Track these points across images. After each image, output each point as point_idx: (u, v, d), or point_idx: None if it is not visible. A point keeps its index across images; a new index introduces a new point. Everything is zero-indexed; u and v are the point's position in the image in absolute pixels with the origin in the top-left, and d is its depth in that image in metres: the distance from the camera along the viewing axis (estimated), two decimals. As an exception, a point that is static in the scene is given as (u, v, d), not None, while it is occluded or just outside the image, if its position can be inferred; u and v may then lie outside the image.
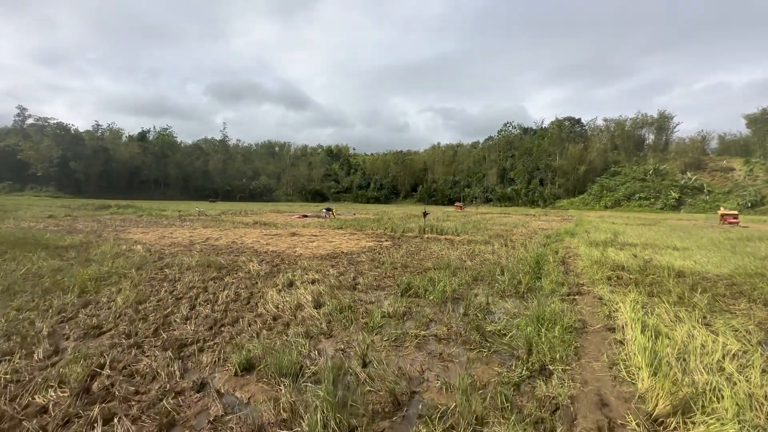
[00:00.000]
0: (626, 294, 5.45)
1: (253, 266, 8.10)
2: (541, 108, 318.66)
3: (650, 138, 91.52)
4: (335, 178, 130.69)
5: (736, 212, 28.31)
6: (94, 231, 14.20)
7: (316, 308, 5.32)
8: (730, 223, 26.93)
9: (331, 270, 8.02)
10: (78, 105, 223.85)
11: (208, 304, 5.39)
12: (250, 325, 4.60)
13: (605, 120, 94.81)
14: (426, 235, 15.41)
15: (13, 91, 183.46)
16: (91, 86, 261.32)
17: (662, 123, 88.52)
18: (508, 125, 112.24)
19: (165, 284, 6.45)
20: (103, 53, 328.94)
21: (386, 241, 13.63)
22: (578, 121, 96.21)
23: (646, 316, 4.09)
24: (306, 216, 26.55)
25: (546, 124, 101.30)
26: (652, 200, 69.97)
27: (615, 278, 6.74)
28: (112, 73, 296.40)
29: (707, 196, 68.54)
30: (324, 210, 27.17)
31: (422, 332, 4.48)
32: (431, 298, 5.93)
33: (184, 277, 6.92)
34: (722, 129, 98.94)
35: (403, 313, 5.19)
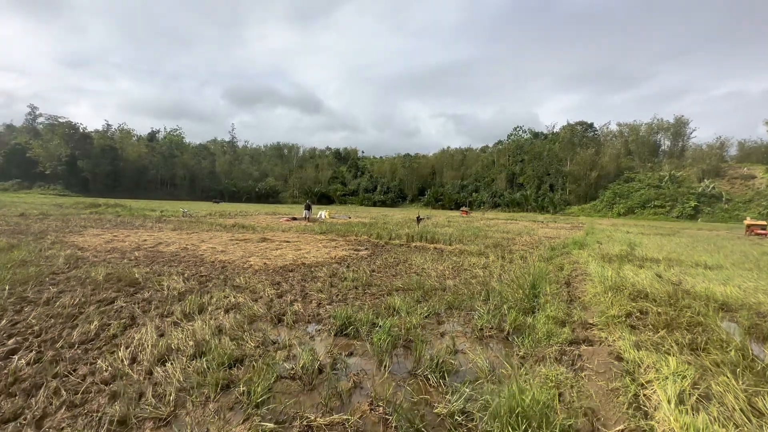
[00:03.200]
0: (658, 348, 3.62)
1: (173, 282, 6.45)
2: (553, 114, 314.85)
3: (666, 144, 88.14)
4: (342, 180, 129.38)
5: (764, 222, 25.82)
6: (41, 232, 12.75)
7: (194, 358, 3.62)
8: (758, 234, 24.50)
9: (269, 290, 6.32)
10: (102, 107, 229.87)
11: (40, 346, 3.73)
12: (54, 394, 2.91)
13: (619, 125, 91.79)
14: (414, 243, 13.63)
15: (42, 93, 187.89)
16: (115, 89, 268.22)
17: (678, 128, 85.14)
18: (518, 129, 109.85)
19: (26, 308, 4.82)
20: (127, 57, 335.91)
21: (365, 249, 11.90)
22: (590, 125, 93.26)
23: (706, 416, 2.29)
24: (295, 218, 24.96)
25: (557, 128, 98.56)
26: (668, 208, 66.81)
27: (637, 315, 4.89)
28: (135, 76, 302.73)
29: (726, 205, 65.20)
30: (305, 211, 24.48)
31: (325, 418, 2.74)
32: (375, 340, 4.18)
33: (64, 298, 5.28)
34: (740, 136, 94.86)
35: (315, 372, 3.44)
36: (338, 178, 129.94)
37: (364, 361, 3.84)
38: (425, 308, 5.53)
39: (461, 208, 58.98)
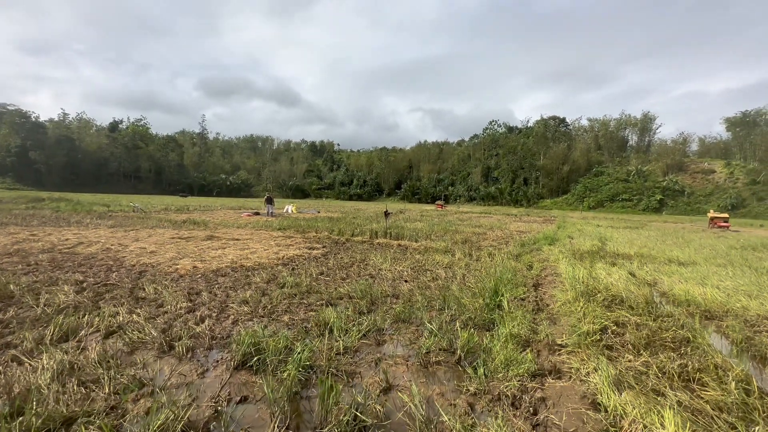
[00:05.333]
0: (643, 383, 2.80)
1: (60, 295, 5.18)
2: (528, 110, 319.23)
3: (633, 139, 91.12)
4: (318, 174, 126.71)
5: (726, 215, 26.50)
6: (-58, 231, 10.96)
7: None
8: (720, 226, 25.10)
9: (181, 302, 5.17)
10: (64, 96, 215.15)
11: None
12: None
13: (589, 120, 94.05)
14: (377, 240, 12.65)
15: None
16: (79, 78, 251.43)
17: (645, 124, 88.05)
18: (493, 123, 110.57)
19: None
20: (92, 45, 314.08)
21: (322, 247, 10.83)
22: (563, 120, 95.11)
23: None
24: (258, 213, 23.48)
25: (531, 123, 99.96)
26: (635, 201, 68.98)
27: (614, 329, 4.10)
28: (101, 64, 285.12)
29: (688, 198, 67.97)
30: (267, 205, 22.67)
31: None
32: (284, 375, 3.16)
33: None
34: (699, 133, 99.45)
35: (174, 438, 2.39)
36: (314, 172, 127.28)
37: (258, 411, 2.81)
38: (367, 323, 4.56)
39: (436, 202, 58.67)
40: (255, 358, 3.46)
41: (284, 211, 26.95)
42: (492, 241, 13.38)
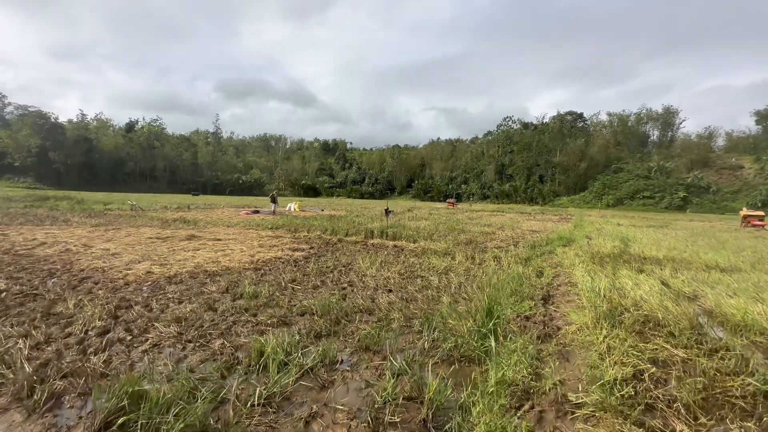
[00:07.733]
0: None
1: (-44, 309, 4.27)
2: (543, 108, 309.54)
3: (654, 134, 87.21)
4: (330, 172, 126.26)
5: (762, 213, 24.35)
6: None
7: None
8: (755, 225, 23.03)
9: (99, 320, 4.19)
10: (90, 100, 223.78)
11: None
12: None
13: (609, 114, 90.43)
14: (372, 241, 11.54)
15: (29, 85, 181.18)
16: (105, 81, 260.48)
17: (668, 119, 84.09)
18: (507, 120, 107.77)
19: None
20: (117, 49, 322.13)
21: (309, 248, 9.79)
22: (580, 115, 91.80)
23: None
24: (257, 211, 22.67)
25: (547, 119, 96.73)
26: (657, 199, 65.83)
27: (651, 373, 2.90)
28: (125, 68, 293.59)
29: (714, 196, 64.51)
30: (272, 204, 22.39)
31: None
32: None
33: None
34: (725, 128, 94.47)
35: None
36: (326, 170, 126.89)
37: None
38: (315, 353, 3.46)
39: (447, 200, 57.20)
40: (126, 417, 2.40)
41: (286, 209, 26.13)
42: (500, 242, 12.11)
